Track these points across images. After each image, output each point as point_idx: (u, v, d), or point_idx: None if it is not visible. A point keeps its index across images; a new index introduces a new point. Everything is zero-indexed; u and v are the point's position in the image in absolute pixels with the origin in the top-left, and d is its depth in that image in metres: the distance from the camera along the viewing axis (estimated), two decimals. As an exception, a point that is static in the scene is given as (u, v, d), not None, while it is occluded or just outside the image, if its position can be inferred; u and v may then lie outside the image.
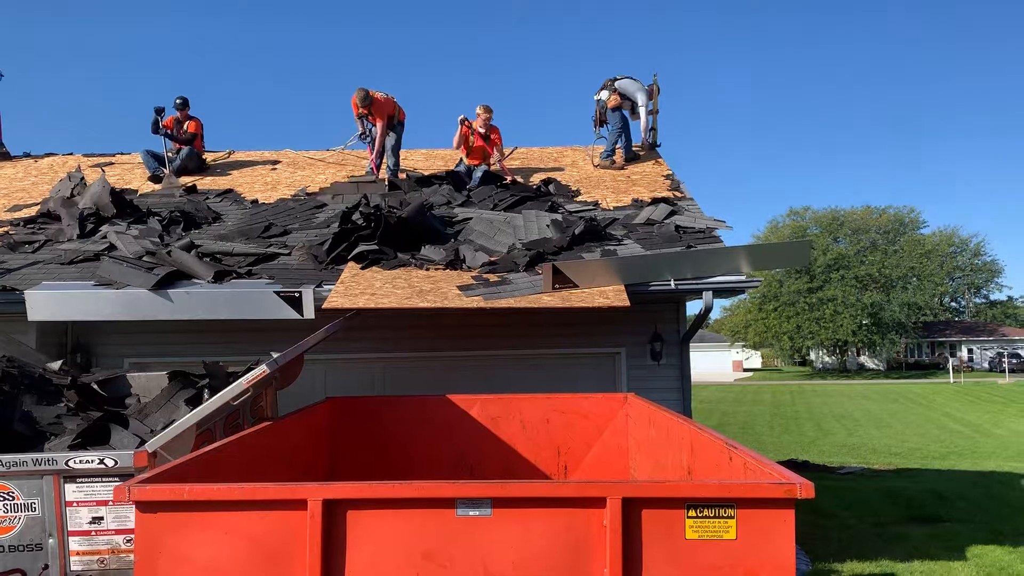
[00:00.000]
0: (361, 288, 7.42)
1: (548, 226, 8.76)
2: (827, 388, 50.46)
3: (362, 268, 7.98)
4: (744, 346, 73.77)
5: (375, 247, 8.20)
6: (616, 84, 11.49)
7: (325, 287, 7.59)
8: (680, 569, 3.22)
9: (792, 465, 14.57)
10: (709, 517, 3.22)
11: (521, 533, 3.30)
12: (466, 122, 10.64)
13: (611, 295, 7.23)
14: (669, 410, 5.89)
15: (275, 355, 5.85)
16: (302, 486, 3.33)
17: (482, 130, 10.69)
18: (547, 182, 10.63)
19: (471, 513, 3.29)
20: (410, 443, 7.08)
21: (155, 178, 11.13)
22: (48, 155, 12.64)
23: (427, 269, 7.97)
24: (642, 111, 11.53)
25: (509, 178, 10.64)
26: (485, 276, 7.73)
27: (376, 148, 10.73)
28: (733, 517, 3.21)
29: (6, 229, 9.51)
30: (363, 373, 8.67)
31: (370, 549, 3.27)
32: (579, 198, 10.23)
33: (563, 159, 12.22)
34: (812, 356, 76.66)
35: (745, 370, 76.78)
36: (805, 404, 37.39)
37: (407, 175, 10.81)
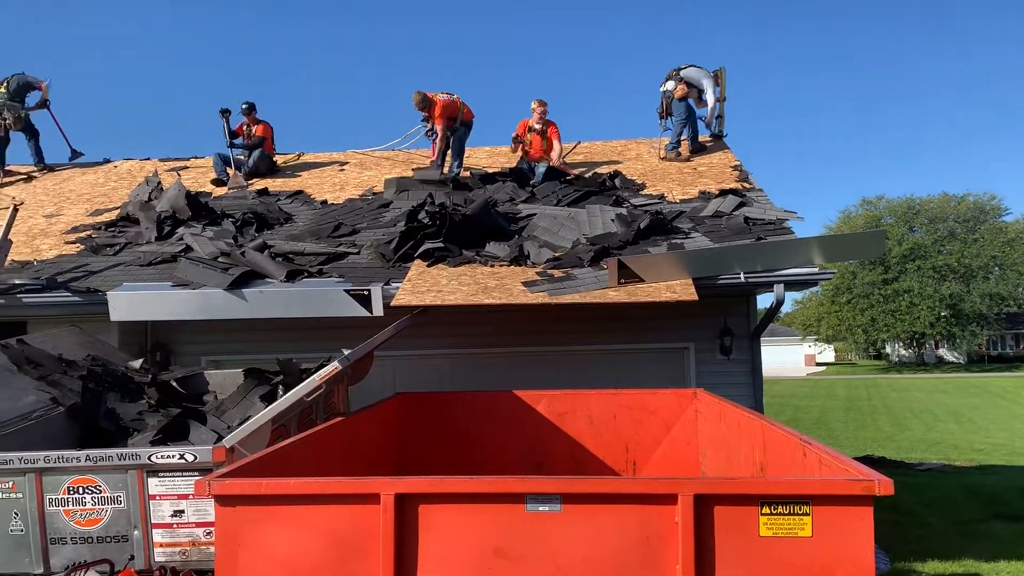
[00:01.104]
0: (428, 285, 7.50)
1: (613, 220, 8.70)
2: (904, 382, 48.93)
3: (428, 265, 8.06)
4: (816, 340, 71.99)
5: (440, 245, 8.27)
6: (681, 73, 11.31)
7: (393, 285, 7.69)
8: (754, 566, 3.17)
9: (868, 461, 14.19)
10: (783, 514, 3.16)
11: (591, 529, 3.29)
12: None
13: (679, 289, 7.15)
14: (740, 406, 5.79)
15: (346, 352, 5.97)
16: (374, 480, 3.38)
17: (538, 125, 10.67)
18: (612, 176, 10.55)
19: (541, 509, 3.29)
20: (477, 438, 7.12)
21: (218, 181, 11.42)
22: (126, 160, 13.11)
23: (492, 266, 8.01)
24: (709, 98, 11.31)
25: (570, 173, 10.60)
26: (550, 272, 7.73)
27: (437, 149, 10.75)
28: (808, 514, 3.14)
29: (89, 233, 9.90)
30: (430, 369, 8.76)
31: (441, 543, 3.31)
32: (644, 191, 10.13)
33: (627, 152, 12.12)
34: (888, 350, 74.40)
35: (818, 364, 74.97)
36: (881, 399, 36.34)
37: (471, 173, 10.87)
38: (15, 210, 8.29)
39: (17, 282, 8.20)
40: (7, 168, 12.40)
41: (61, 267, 8.78)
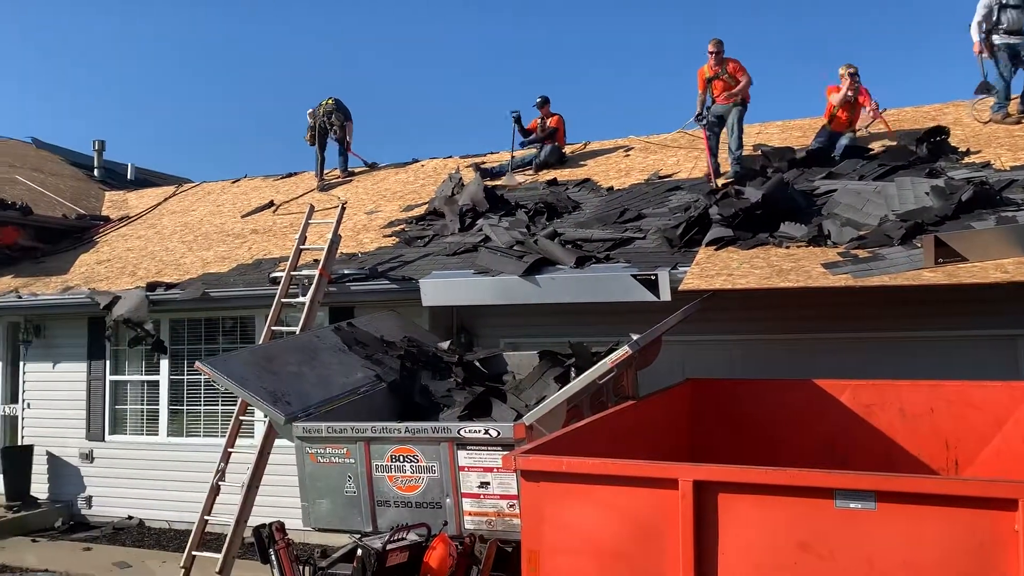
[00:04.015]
0: (717, 269, 7.31)
1: (927, 193, 7.86)
2: None
3: (717, 249, 7.85)
4: None
5: (729, 227, 8.02)
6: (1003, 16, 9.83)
7: (680, 269, 7.59)
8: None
9: None
10: None
11: (910, 531, 3.01)
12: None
13: (1011, 269, 6.28)
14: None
15: (635, 336, 6.00)
16: (673, 465, 3.37)
17: (849, 93, 9.88)
18: (926, 141, 9.41)
19: (852, 505, 3.08)
20: (772, 428, 6.82)
21: (487, 173, 11.99)
22: (431, 159, 14.27)
23: (787, 247, 7.60)
24: None
25: (879, 145, 9.72)
26: (853, 252, 7.17)
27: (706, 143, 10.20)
28: None
29: (402, 227, 10.93)
30: (720, 355, 8.53)
31: (742, 533, 3.21)
32: (965, 160, 9.02)
33: (943, 118, 10.85)
34: None
35: None
36: None
37: (761, 151, 10.39)
38: (342, 209, 9.38)
39: (346, 272, 9.29)
40: (327, 172, 14.10)
41: (380, 258, 9.79)
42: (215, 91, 55.01)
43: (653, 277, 7.53)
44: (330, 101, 13.55)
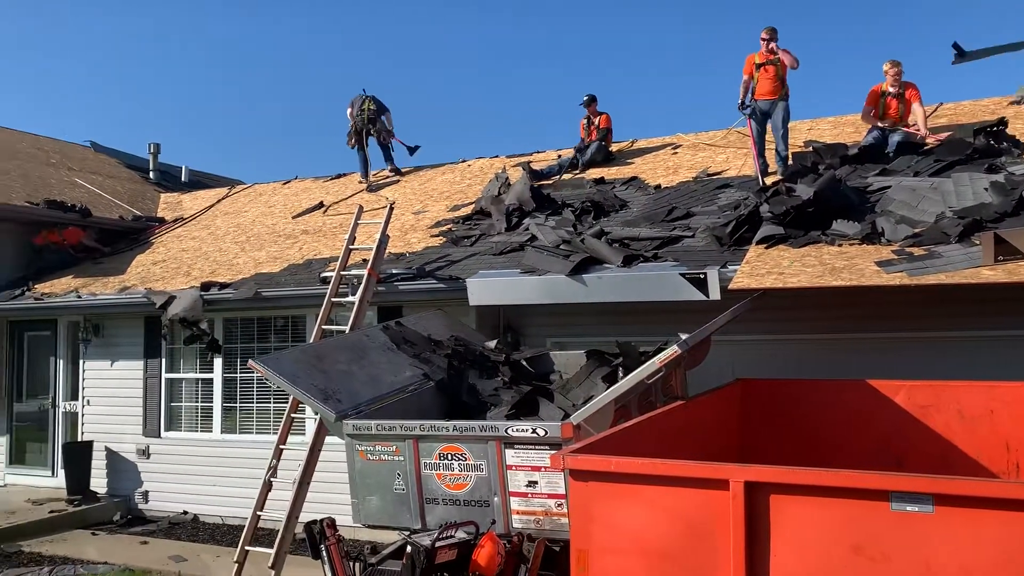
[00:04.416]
0: (767, 268, 7.21)
1: (986, 189, 7.64)
2: None
3: (767, 247, 7.74)
4: None
5: (780, 225, 7.90)
6: None
7: (730, 268, 7.51)
8: None
9: None
10: None
11: (971, 536, 2.95)
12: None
13: (1074, 266, 6.08)
14: None
15: (684, 336, 5.95)
16: (723, 466, 3.34)
17: (892, 89, 9.65)
18: (988, 135, 9.13)
19: (908, 508, 3.02)
20: (825, 429, 6.71)
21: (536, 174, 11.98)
22: (478, 159, 14.33)
23: (839, 245, 7.47)
24: None
25: (931, 140, 9.48)
26: (908, 250, 7.01)
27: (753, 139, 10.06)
28: None
29: (449, 226, 11.00)
30: (770, 355, 8.40)
31: (795, 535, 3.17)
32: (1026, 155, 8.75)
33: (1003, 111, 10.56)
34: None
35: None
36: None
37: (813, 147, 10.21)
38: (391, 209, 9.47)
39: (394, 271, 9.38)
40: (373, 173, 14.25)
41: (427, 257, 9.87)
42: (265, 93, 55.98)
43: (702, 276, 7.45)
44: (366, 99, 13.65)
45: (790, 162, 9.70)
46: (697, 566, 3.27)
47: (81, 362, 11.83)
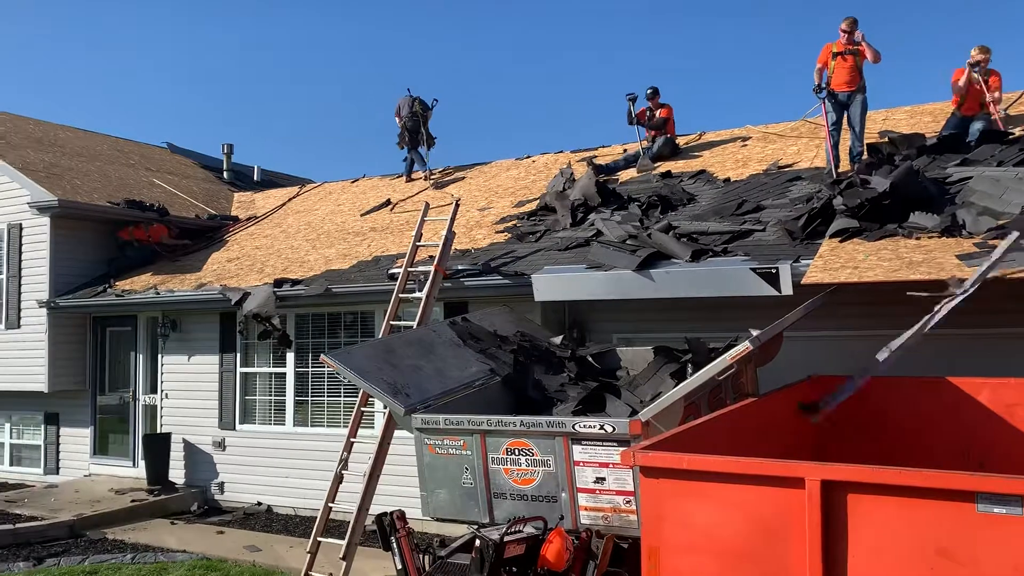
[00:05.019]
0: (842, 262, 7.02)
1: (1075, 179, 7.30)
2: None
3: (841, 241, 7.54)
4: None
5: (855, 218, 7.68)
6: None
7: (802, 262, 7.34)
8: None
9: None
10: None
11: (1063, 540, 2.81)
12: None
13: None
14: None
15: (755, 332, 5.84)
16: (799, 464, 3.26)
17: (976, 75, 9.29)
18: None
19: (996, 511, 2.91)
20: (902, 427, 6.51)
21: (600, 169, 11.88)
22: (543, 154, 14.31)
23: (917, 238, 7.22)
24: None
25: (1020, 129, 9.09)
26: (991, 243, 6.74)
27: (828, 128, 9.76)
28: None
29: (514, 222, 11.02)
30: (844, 351, 8.16)
31: (873, 536, 3.08)
32: (1118, 142, 8.33)
33: (1092, 97, 10.07)
34: None
35: None
36: None
37: (889, 138, 9.90)
38: (456, 206, 9.53)
39: (460, 267, 9.44)
40: (414, 172, 14.45)
41: (493, 253, 9.91)
42: (334, 93, 56.96)
43: (774, 270, 7.30)
44: (414, 100, 13.85)
45: (865, 156, 9.42)
46: (772, 566, 3.20)
47: (160, 356, 12.25)
